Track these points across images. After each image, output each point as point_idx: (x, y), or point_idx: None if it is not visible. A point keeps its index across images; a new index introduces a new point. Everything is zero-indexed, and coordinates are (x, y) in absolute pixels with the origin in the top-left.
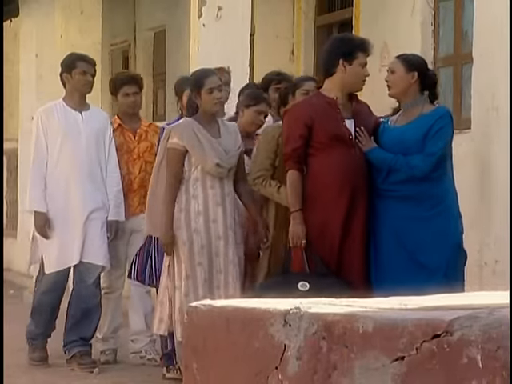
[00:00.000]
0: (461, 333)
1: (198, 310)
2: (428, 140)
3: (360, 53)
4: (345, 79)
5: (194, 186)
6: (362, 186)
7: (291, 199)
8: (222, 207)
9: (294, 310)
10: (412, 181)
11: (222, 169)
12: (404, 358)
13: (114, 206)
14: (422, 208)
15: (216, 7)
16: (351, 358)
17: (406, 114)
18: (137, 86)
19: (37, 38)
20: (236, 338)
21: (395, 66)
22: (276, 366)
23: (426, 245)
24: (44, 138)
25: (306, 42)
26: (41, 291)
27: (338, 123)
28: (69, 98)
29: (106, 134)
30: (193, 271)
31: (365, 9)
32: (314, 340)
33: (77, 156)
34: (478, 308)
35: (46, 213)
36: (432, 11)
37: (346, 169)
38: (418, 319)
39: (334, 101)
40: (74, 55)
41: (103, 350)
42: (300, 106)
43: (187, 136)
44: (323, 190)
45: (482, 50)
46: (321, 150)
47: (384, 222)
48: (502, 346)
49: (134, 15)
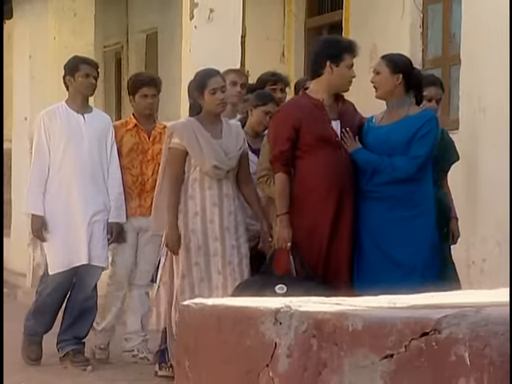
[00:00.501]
0: (449, 331)
1: (189, 309)
2: (414, 142)
3: (347, 55)
4: (332, 81)
5: (193, 187)
6: (348, 188)
7: (278, 202)
8: (218, 208)
9: (284, 309)
10: (394, 182)
11: (219, 170)
12: (393, 355)
13: (116, 207)
14: (402, 208)
15: (208, 9)
16: (341, 355)
17: (390, 113)
18: (155, 88)
19: (30, 40)
20: (227, 336)
21: (380, 68)
22: (267, 363)
23: (404, 245)
24: (46, 141)
25: (297, 44)
26: (46, 292)
27: (324, 125)
28: (71, 101)
29: (107, 136)
30: (189, 271)
31: (354, 11)
32: (304, 338)
33: (79, 159)
34: (465, 306)
35: (42, 216)
36: (420, 14)
37: (333, 170)
38: (406, 317)
39: (320, 102)
40: (77, 58)
41: (97, 345)
42: (287, 109)
43: (187, 136)
44: (311, 192)
45: (469, 52)
46: (308, 152)
47: (364, 223)
48: (489, 344)
49: (127, 17)
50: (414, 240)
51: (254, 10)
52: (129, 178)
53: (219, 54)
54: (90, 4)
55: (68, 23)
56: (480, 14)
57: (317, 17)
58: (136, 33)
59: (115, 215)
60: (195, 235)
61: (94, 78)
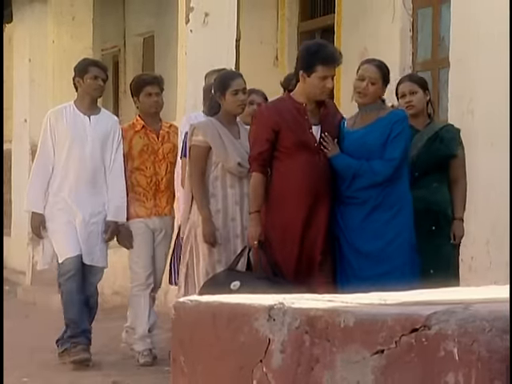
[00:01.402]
0: (438, 327)
1: (185, 306)
2: (388, 145)
3: (320, 66)
4: (305, 89)
5: (214, 185)
6: (324, 192)
7: (251, 201)
8: (239, 206)
9: (277, 306)
10: (373, 186)
11: (242, 168)
12: (384, 351)
13: (115, 207)
14: (380, 210)
15: (203, 13)
16: (333, 351)
17: (363, 117)
18: (158, 86)
19: (30, 44)
20: (222, 333)
21: (375, 78)
22: (260, 359)
23: (383, 246)
24: (51, 141)
25: (290, 48)
26: (63, 280)
27: (304, 130)
28: (79, 102)
29: (113, 137)
30: (212, 268)
31: (346, 15)
32: (297, 334)
33: (82, 160)
34: (454, 303)
35: (42, 214)
36: (410, 18)
37: (309, 175)
38: (397, 314)
39: (303, 107)
40: (86, 60)
41: (140, 351)
42: (268, 111)
43: (211, 134)
44: (286, 193)
45: (458, 55)
46: (286, 154)
47: (343, 228)
48: (477, 340)
49: (124, 21)
50: (392, 240)
51: (248, 15)
52: (143, 179)
53: (214, 57)
54: (88, 8)
55: (67, 27)
56: (468, 18)
57: (309, 21)
58: (133, 36)
59: (114, 214)
60: (217, 232)
61: (103, 81)
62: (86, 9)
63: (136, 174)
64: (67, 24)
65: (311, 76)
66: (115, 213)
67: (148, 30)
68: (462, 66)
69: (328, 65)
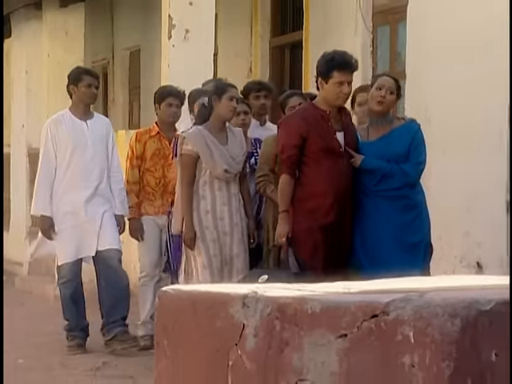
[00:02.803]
0: (396, 313)
1: (167, 294)
2: (413, 150)
3: (336, 72)
4: (324, 95)
5: (203, 188)
6: (347, 194)
7: (280, 201)
8: (227, 206)
9: (251, 294)
10: (403, 187)
11: (229, 174)
12: (347, 335)
13: (119, 202)
14: (408, 208)
15: (184, 30)
16: (301, 335)
17: (377, 128)
18: (179, 100)
19: (27, 57)
20: (201, 319)
21: (393, 88)
22: (236, 342)
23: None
24: (52, 147)
25: (262, 61)
26: (63, 285)
27: (330, 136)
28: (75, 108)
29: (108, 138)
30: (209, 262)
31: (313, 32)
32: (268, 320)
33: (84, 162)
34: (410, 291)
35: (51, 217)
36: (371, 35)
37: (335, 178)
38: (359, 301)
39: (326, 114)
40: (80, 69)
41: (142, 336)
42: (296, 118)
43: (199, 143)
44: (312, 195)
45: (413, 68)
46: (313, 159)
47: (373, 215)
48: (431, 324)
49: (113, 36)
50: (416, 231)
51: (224, 31)
52: (152, 180)
53: (194, 69)
54: (80, 24)
55: (60, 42)
56: (422, 36)
57: (280, 36)
58: (121, 50)
59: (120, 208)
60: (209, 230)
61: (96, 88)
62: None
63: (146, 175)
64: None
65: (328, 82)
66: (121, 207)
67: (134, 45)
68: (416, 79)
69: (343, 70)
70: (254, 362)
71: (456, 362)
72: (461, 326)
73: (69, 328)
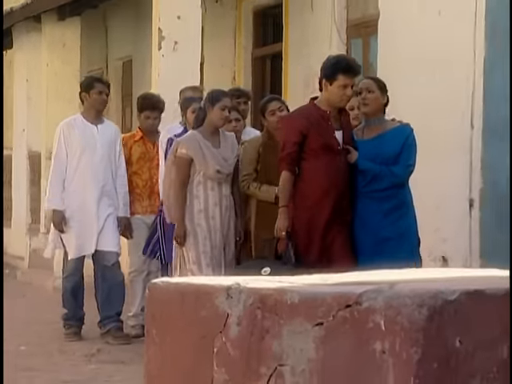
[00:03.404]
0: (368, 303)
1: (157, 286)
2: (404, 152)
3: (341, 75)
4: (327, 97)
5: (197, 188)
6: (345, 189)
7: (281, 196)
8: (219, 206)
9: (235, 286)
10: (391, 187)
11: (221, 174)
12: (323, 323)
13: (124, 204)
14: (395, 207)
15: (173, 42)
16: (280, 323)
17: (370, 128)
18: (158, 110)
19: (27, 66)
20: (188, 308)
21: (372, 87)
22: (220, 330)
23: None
24: (64, 148)
25: (245, 70)
26: (66, 279)
27: (329, 134)
28: (86, 114)
29: (116, 144)
30: (198, 258)
31: (292, 44)
32: (251, 310)
33: (93, 163)
34: (381, 283)
35: (63, 211)
36: (345, 46)
37: (333, 174)
38: (334, 292)
39: (326, 114)
40: (92, 77)
41: (134, 325)
42: (297, 117)
43: (193, 147)
44: (312, 190)
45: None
46: (312, 155)
47: (361, 216)
48: (401, 313)
49: (107, 48)
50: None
51: (210, 43)
52: (139, 182)
53: (182, 78)
54: (76, 37)
55: (58, 53)
56: (392, 48)
57: (262, 48)
58: (114, 60)
59: (124, 211)
60: (201, 228)
61: (106, 95)
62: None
63: (134, 178)
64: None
65: (333, 84)
66: (125, 210)
67: (127, 55)
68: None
69: (348, 74)
70: (237, 348)
71: (423, 348)
72: (427, 314)
73: (66, 317)
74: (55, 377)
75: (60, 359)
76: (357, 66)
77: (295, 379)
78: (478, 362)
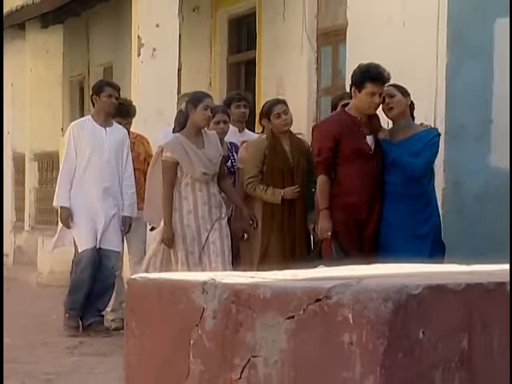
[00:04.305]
0: (337, 297)
1: (136, 282)
2: (426, 149)
3: (369, 83)
4: (356, 104)
5: (186, 190)
6: (376, 191)
7: (320, 199)
8: (208, 206)
9: (210, 281)
10: (409, 179)
11: (207, 175)
12: (294, 316)
13: (129, 204)
14: (418, 208)
15: (151, 49)
16: (254, 317)
17: (399, 132)
18: (128, 116)
19: (12, 72)
20: (165, 303)
21: (393, 92)
22: (196, 323)
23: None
24: (74, 148)
25: (221, 77)
26: (77, 272)
27: (360, 139)
28: (96, 116)
29: (124, 146)
30: (187, 258)
31: (265, 51)
32: (225, 304)
33: (101, 164)
34: (349, 278)
35: (70, 208)
36: (315, 54)
37: (366, 177)
38: (304, 287)
39: (358, 120)
40: (102, 81)
41: (113, 319)
42: (329, 123)
43: (177, 151)
44: (346, 192)
45: None
46: (346, 160)
47: (388, 215)
48: (367, 307)
49: (88, 54)
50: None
51: (187, 50)
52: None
53: (160, 83)
54: (59, 44)
55: (41, 59)
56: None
57: (236, 55)
58: (95, 66)
59: (129, 211)
60: (190, 229)
61: (116, 98)
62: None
63: None
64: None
65: (361, 92)
66: (130, 210)
67: (107, 61)
68: None
69: (376, 82)
70: (212, 340)
71: (389, 339)
72: (393, 308)
73: (70, 308)
74: (38, 368)
75: (43, 351)
76: (385, 75)
77: (268, 369)
78: (441, 352)
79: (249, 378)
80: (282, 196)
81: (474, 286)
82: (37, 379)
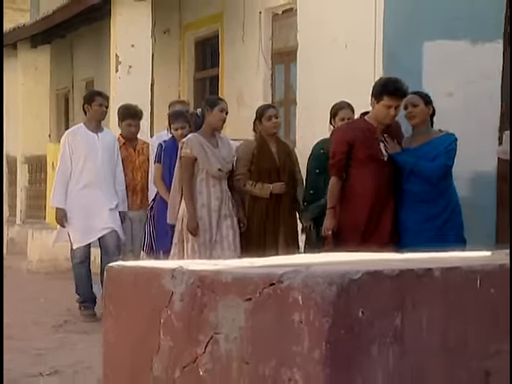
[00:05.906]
0: (288, 282)
1: (113, 269)
2: (443, 153)
3: (386, 96)
4: (375, 113)
5: (201, 184)
6: (388, 196)
7: (329, 198)
8: (219, 201)
9: (178, 268)
10: (427, 185)
11: (221, 172)
12: (251, 299)
13: (122, 201)
14: (437, 210)
15: (128, 66)
16: (216, 299)
17: (418, 137)
18: (138, 118)
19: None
20: (139, 287)
21: (417, 101)
22: (166, 305)
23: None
24: (69, 153)
25: (189, 90)
26: (75, 266)
27: (374, 146)
28: (88, 123)
29: (114, 149)
30: (198, 248)
31: (226, 68)
32: (192, 288)
33: (96, 167)
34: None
35: (64, 209)
36: (270, 71)
37: (377, 181)
38: (260, 273)
39: (373, 127)
40: (93, 91)
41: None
42: (345, 130)
43: (196, 148)
44: (357, 195)
45: (302, 97)
46: (359, 164)
47: (405, 220)
48: (314, 291)
49: (72, 70)
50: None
51: (159, 67)
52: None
53: (136, 96)
54: (47, 61)
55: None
56: (309, 73)
57: (202, 71)
58: (79, 81)
59: (122, 206)
60: (202, 221)
61: (106, 107)
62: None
63: None
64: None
65: (379, 103)
66: (123, 206)
67: (89, 77)
68: (305, 105)
69: (393, 96)
70: (180, 320)
71: (333, 318)
72: (336, 291)
73: (82, 300)
74: (29, 345)
75: (33, 330)
76: (403, 90)
77: (229, 345)
78: (377, 328)
79: (212, 352)
80: (271, 190)
81: (406, 272)
82: (28, 354)
